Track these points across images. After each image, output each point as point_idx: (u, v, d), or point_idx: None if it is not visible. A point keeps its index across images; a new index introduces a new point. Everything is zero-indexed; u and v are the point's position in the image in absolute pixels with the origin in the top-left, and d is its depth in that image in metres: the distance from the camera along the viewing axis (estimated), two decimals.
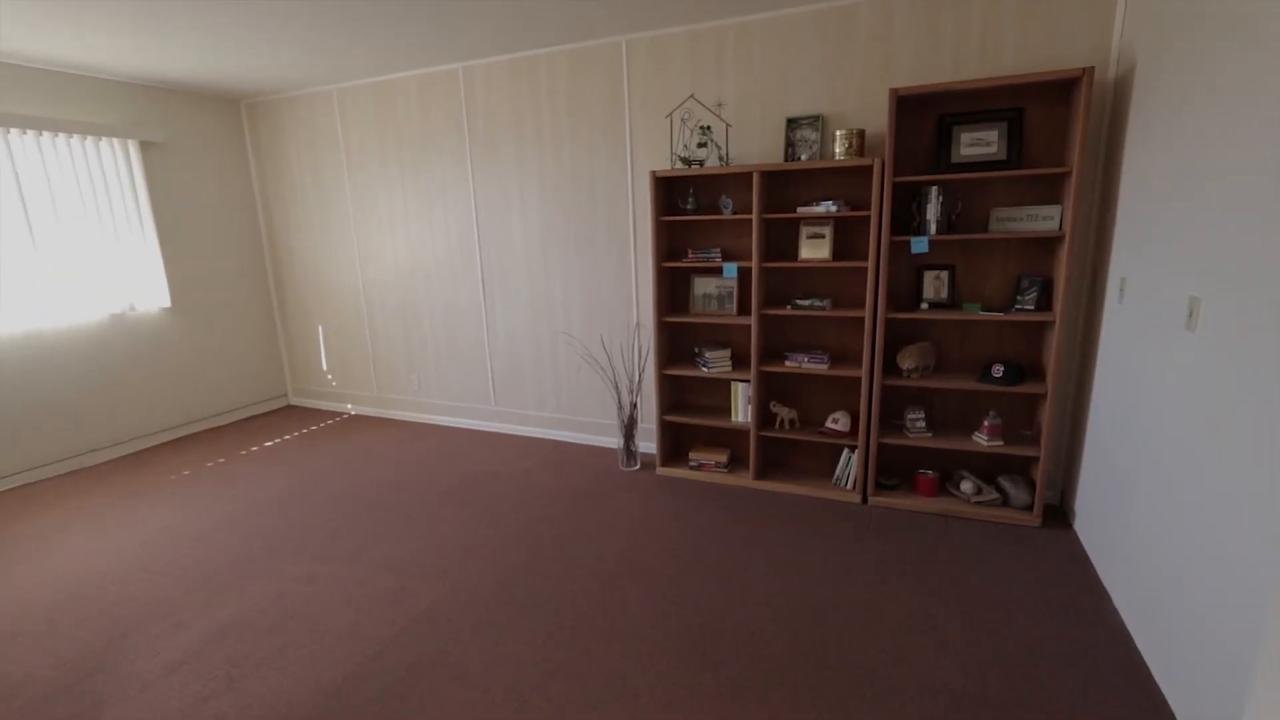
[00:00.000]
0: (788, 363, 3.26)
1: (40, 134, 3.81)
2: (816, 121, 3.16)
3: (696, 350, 3.56)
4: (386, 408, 5.06)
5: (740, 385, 3.45)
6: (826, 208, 3.03)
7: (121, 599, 2.59)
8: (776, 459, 3.66)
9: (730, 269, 3.28)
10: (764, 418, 3.51)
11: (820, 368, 3.19)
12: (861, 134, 2.98)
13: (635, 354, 3.96)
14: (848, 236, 3.23)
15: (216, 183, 4.82)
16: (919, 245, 2.90)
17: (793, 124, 3.21)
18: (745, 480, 3.48)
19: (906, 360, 3.04)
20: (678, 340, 3.77)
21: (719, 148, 3.31)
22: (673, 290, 3.68)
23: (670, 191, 3.52)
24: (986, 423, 2.99)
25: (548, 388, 4.34)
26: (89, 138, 4.03)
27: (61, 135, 3.90)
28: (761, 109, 3.30)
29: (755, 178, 3.09)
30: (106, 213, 4.16)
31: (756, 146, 3.35)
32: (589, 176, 3.83)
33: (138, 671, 2.14)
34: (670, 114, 3.42)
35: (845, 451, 3.29)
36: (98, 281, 4.15)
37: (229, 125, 4.88)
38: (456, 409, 4.73)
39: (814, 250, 3.16)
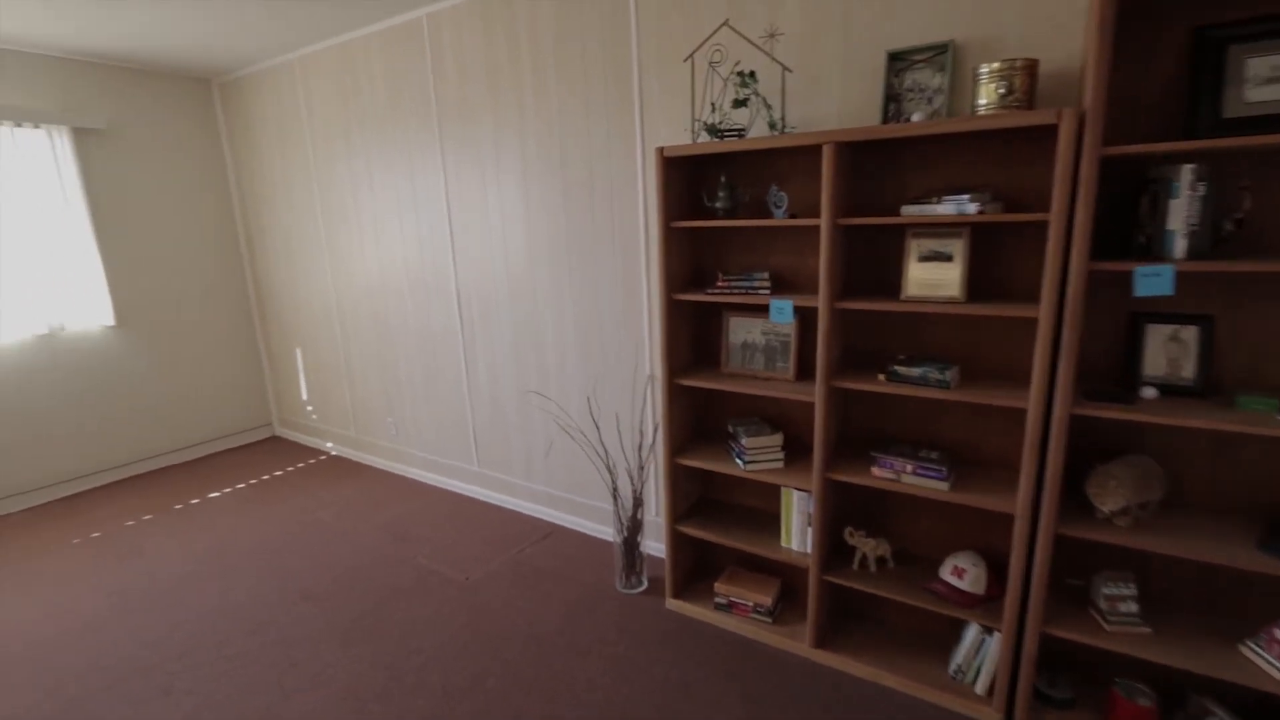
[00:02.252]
0: (877, 470, 1.92)
1: None
2: (942, 55, 1.78)
3: (730, 429, 2.28)
4: (365, 451, 4.13)
5: (796, 495, 2.13)
6: (957, 206, 1.66)
7: None
8: (852, 614, 2.31)
9: (784, 308, 1.97)
10: (834, 548, 2.17)
11: (935, 485, 1.82)
12: (1031, 70, 1.59)
13: (642, 422, 2.72)
14: (997, 258, 1.83)
15: (180, 177, 4.06)
16: (1152, 282, 1.46)
17: (899, 61, 1.85)
18: (800, 645, 2.16)
19: (1108, 493, 1.62)
20: (702, 410, 2.49)
21: (769, 108, 2.00)
22: (694, 335, 2.41)
23: (690, 180, 2.25)
24: (1277, 631, 1.52)
25: (536, 452, 3.19)
26: (6, 123, 3.32)
27: None
28: (843, 39, 1.95)
29: (827, 154, 1.77)
30: (28, 213, 3.45)
31: (832, 103, 2.01)
32: (585, 158, 2.63)
33: None
34: (690, 55, 2.13)
35: (974, 628, 1.90)
36: (17, 295, 3.45)
37: (198, 108, 4.10)
38: (436, 465, 3.70)
39: (931, 280, 1.79)
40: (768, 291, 2.04)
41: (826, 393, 1.92)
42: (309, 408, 4.44)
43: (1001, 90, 1.60)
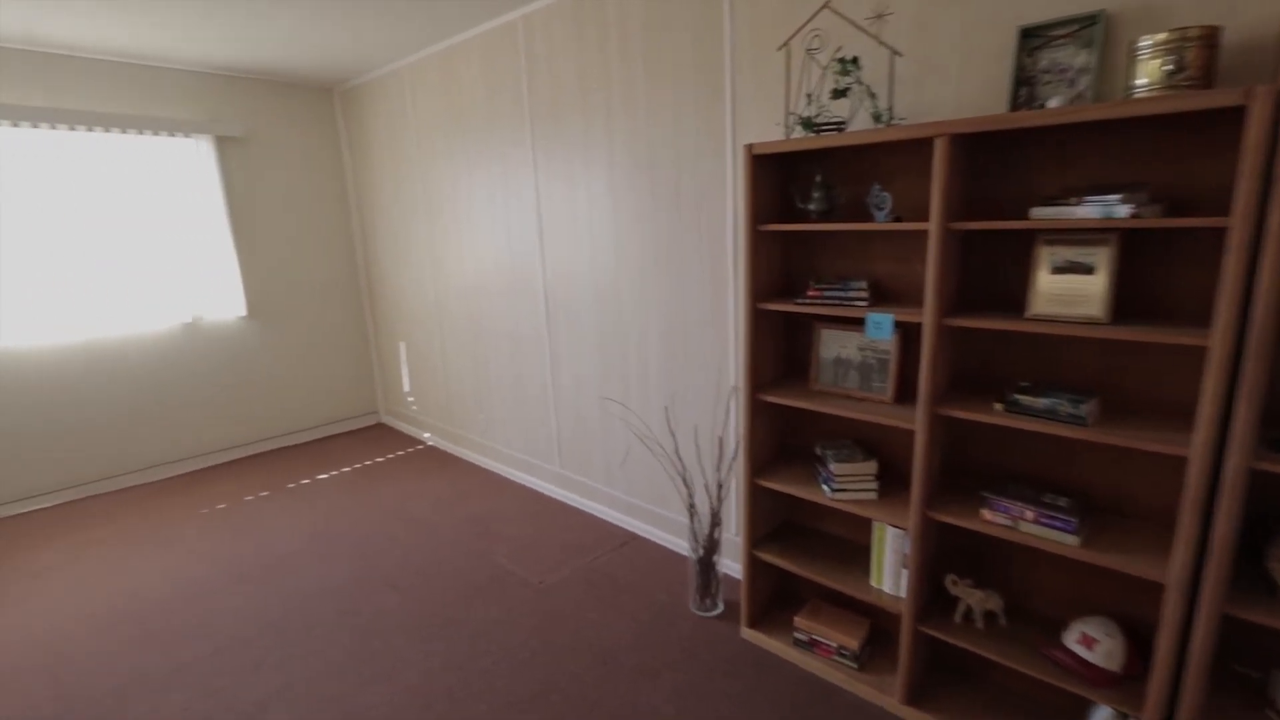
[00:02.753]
0: (989, 513, 1.66)
1: (108, 130, 3.54)
2: (1090, 28, 1.50)
3: (819, 451, 2.08)
4: (458, 444, 4.27)
5: (891, 531, 1.91)
6: (1104, 209, 1.38)
7: None
8: (952, 669, 2.04)
9: (882, 322, 1.76)
10: (933, 594, 1.93)
11: (1061, 538, 1.55)
12: (1210, 40, 1.29)
13: (723, 437, 2.57)
14: (1151, 270, 1.52)
15: (304, 180, 4.38)
16: None
17: (1034, 38, 1.58)
18: (888, 698, 1.94)
19: None
20: (787, 428, 2.31)
21: (873, 97, 1.78)
22: (782, 347, 2.22)
23: (782, 180, 2.07)
24: None
25: (616, 457, 3.13)
26: (161, 134, 3.71)
27: (132, 132, 3.61)
28: (964, 16, 1.70)
29: (940, 148, 1.54)
30: (179, 214, 3.85)
31: (949, 90, 1.76)
32: (672, 158, 2.52)
33: None
34: (786, 42, 1.95)
35: (1105, 711, 1.60)
36: (168, 287, 3.86)
37: (320, 116, 4.41)
38: (521, 462, 3.75)
39: (1066, 295, 1.52)
40: (865, 303, 1.83)
41: (930, 420, 1.69)
42: (410, 399, 4.66)
43: (1169, 67, 1.31)
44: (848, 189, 1.97)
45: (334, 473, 4.03)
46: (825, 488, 1.99)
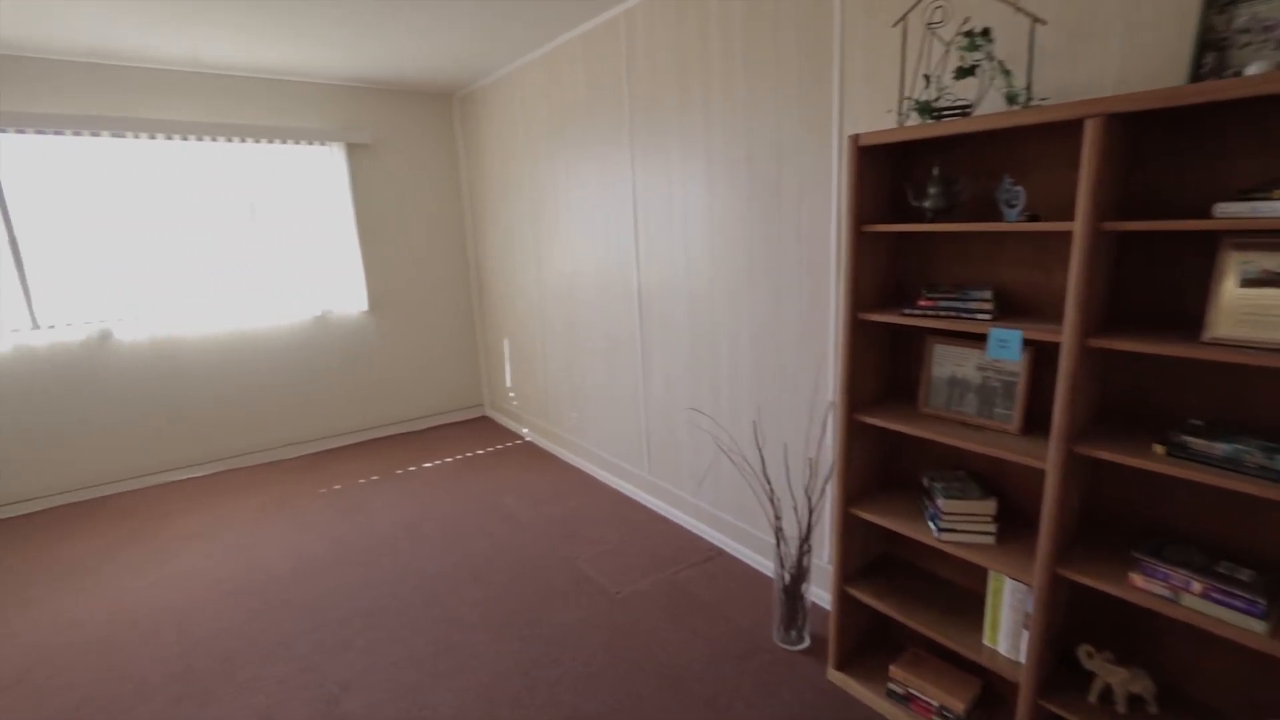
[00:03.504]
0: (1140, 578, 1.35)
1: (258, 141, 3.92)
2: None
3: (926, 482, 1.83)
4: (554, 442, 4.32)
5: (1010, 585, 1.63)
6: None
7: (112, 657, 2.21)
8: None
9: (1009, 340, 1.49)
10: (1060, 664, 1.62)
11: (1241, 621, 1.22)
12: None
13: (817, 457, 2.35)
14: None
15: (423, 182, 4.63)
16: None
17: None
18: None
19: None
20: (890, 451, 2.06)
21: (1006, 75, 1.51)
22: (887, 362, 1.98)
23: (893, 174, 1.83)
24: None
25: (705, 469, 2.99)
26: (301, 143, 4.06)
27: (276, 141, 3.98)
28: None
29: (1092, 131, 1.27)
30: (313, 216, 4.20)
31: (1106, 62, 1.45)
32: (772, 153, 2.34)
33: None
34: (904, 17, 1.71)
35: None
36: (302, 283, 4.23)
37: (440, 121, 4.63)
38: (611, 464, 3.71)
39: (1261, 314, 1.19)
40: (988, 316, 1.57)
41: (1065, 459, 1.41)
42: (511, 394, 4.79)
43: None
44: (971, 183, 1.71)
45: (438, 462, 4.22)
46: (931, 525, 1.75)
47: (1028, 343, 1.56)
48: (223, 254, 3.92)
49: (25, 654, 2.37)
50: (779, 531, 2.23)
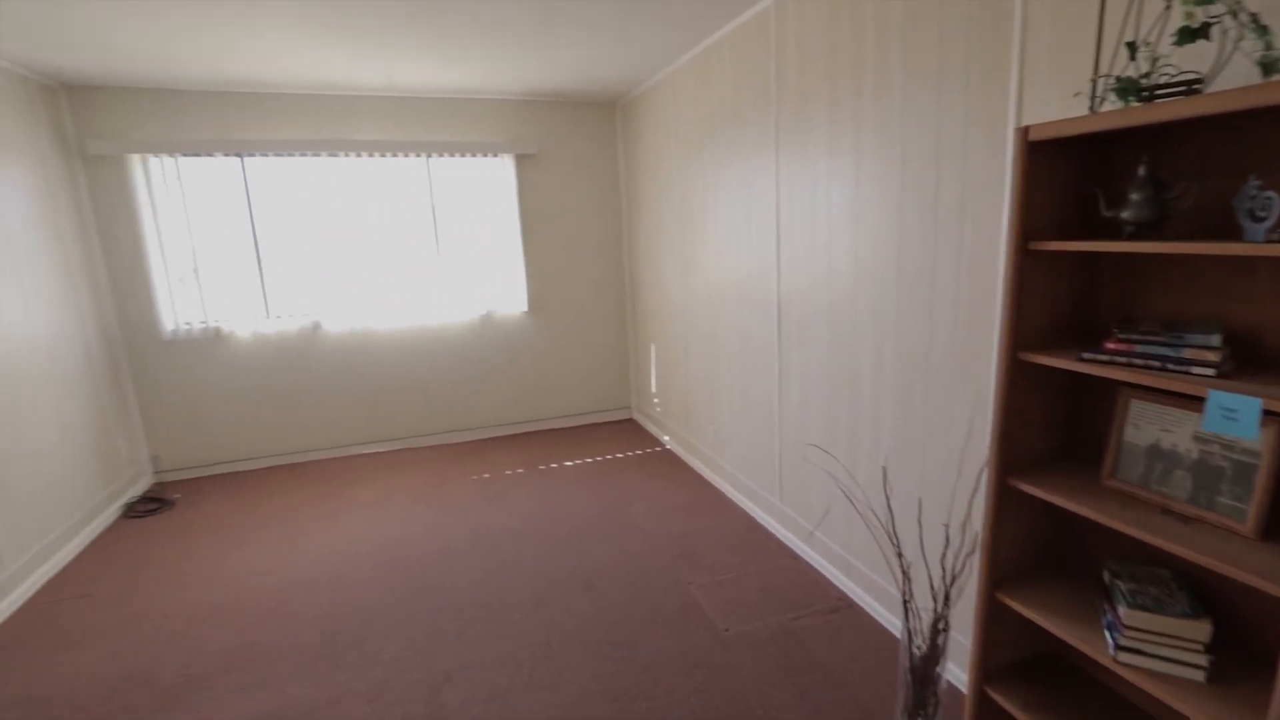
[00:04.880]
0: None
1: (440, 156, 4.33)
2: None
3: (1106, 577, 1.41)
4: (691, 453, 4.21)
5: None
6: None
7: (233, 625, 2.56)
8: None
9: (1241, 409, 1.06)
10: None
11: None
12: None
13: (967, 518, 1.93)
14: None
15: (584, 189, 4.78)
16: None
17: None
18: None
19: None
20: (1057, 527, 1.61)
21: (1261, 33, 1.06)
22: (1061, 413, 1.55)
23: (1077, 175, 1.41)
24: None
25: (838, 506, 2.67)
26: (476, 155, 4.41)
27: (456, 155, 4.36)
28: None
29: None
30: (483, 222, 4.54)
31: None
32: (930, 151, 1.97)
33: None
34: None
35: None
36: (472, 284, 4.60)
37: (603, 129, 4.74)
38: (743, 485, 3.50)
39: None
40: (1210, 372, 1.14)
41: None
42: (655, 400, 4.77)
43: None
44: (1195, 187, 1.25)
45: (579, 461, 4.33)
46: (1108, 637, 1.33)
47: (1271, 414, 1.10)
48: (407, 257, 4.40)
49: (223, 593, 2.85)
50: (907, 603, 1.88)
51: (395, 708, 2.10)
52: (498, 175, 4.53)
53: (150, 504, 3.79)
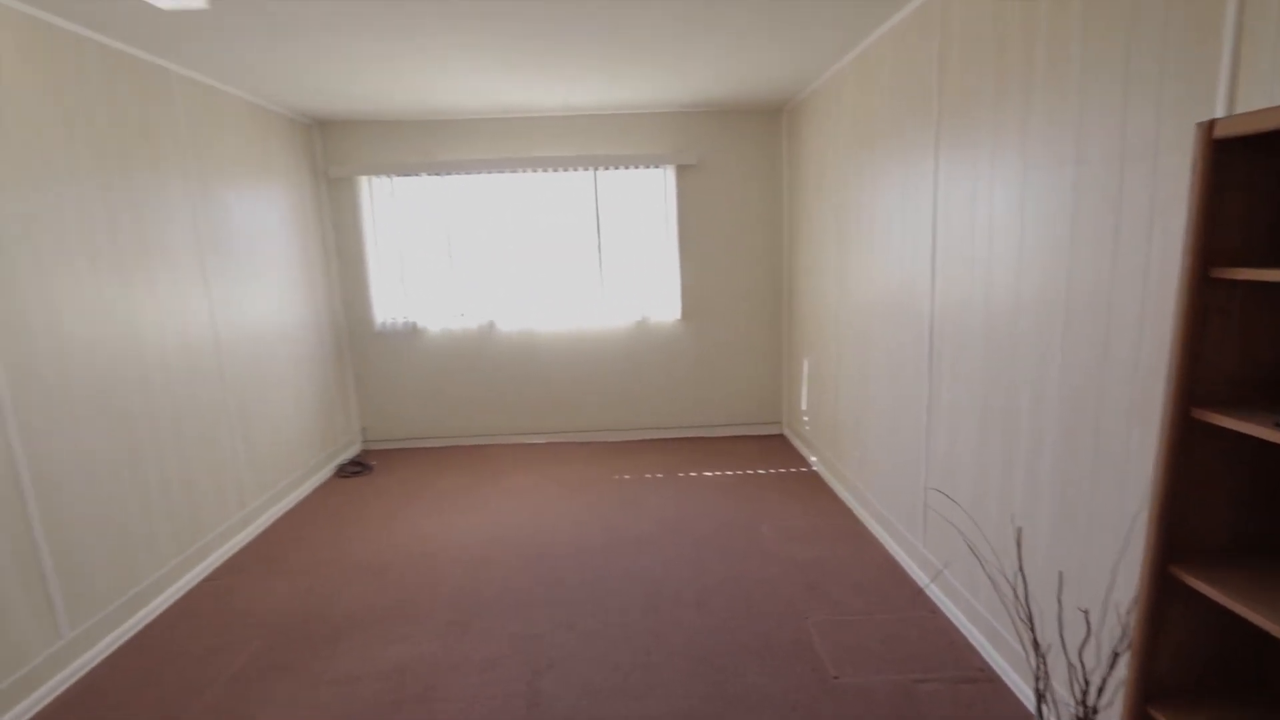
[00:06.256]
0: None
1: (606, 168, 4.58)
2: None
3: None
4: (835, 477, 3.95)
5: None
6: None
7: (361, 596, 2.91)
8: None
9: None
10: None
11: None
12: None
13: (1120, 606, 1.55)
14: None
15: (744, 197, 4.72)
16: None
17: None
18: None
19: None
20: (1241, 632, 1.22)
21: None
22: (1254, 493, 1.18)
23: None
24: None
25: (940, 564, 2.31)
26: (638, 167, 4.58)
27: (621, 168, 4.58)
28: None
29: None
30: (643, 231, 4.70)
31: None
32: (1112, 151, 1.62)
33: None
34: None
35: None
36: (630, 291, 4.79)
37: (768, 136, 4.64)
38: (885, 520, 3.20)
39: None
40: None
41: None
42: (805, 418, 4.54)
43: None
44: None
45: (719, 473, 4.29)
46: None
47: None
48: (572, 264, 4.72)
49: (393, 552, 3.31)
50: (1041, 694, 1.57)
51: (500, 684, 2.28)
52: (659, 185, 4.65)
53: (356, 467, 4.54)
